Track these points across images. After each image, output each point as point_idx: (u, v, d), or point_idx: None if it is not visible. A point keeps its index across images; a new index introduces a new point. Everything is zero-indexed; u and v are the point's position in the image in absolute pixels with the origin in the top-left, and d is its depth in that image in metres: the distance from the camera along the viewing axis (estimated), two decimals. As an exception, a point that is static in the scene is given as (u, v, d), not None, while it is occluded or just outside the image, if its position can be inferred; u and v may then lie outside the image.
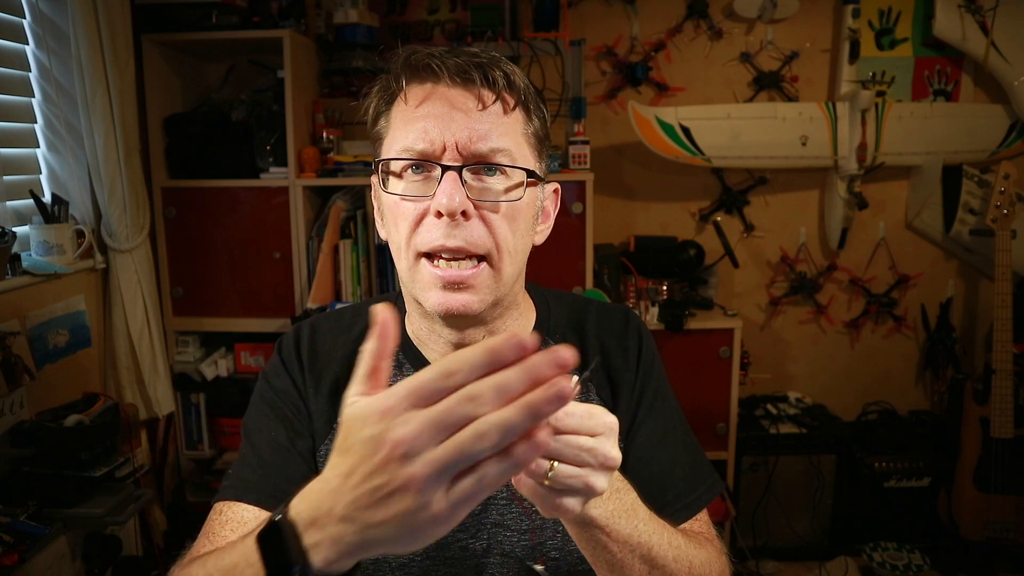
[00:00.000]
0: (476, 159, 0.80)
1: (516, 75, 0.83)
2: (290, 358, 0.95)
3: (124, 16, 2.05)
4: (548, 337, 0.95)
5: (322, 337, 0.97)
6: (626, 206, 2.84)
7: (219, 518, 0.85)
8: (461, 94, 0.80)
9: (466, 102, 0.80)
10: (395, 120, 0.83)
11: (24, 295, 1.82)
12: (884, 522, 2.61)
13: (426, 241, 0.80)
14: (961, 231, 2.70)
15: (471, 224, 0.79)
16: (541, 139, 0.87)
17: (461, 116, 0.79)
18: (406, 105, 0.82)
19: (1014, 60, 2.54)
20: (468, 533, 0.88)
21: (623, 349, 0.95)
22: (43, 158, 2.05)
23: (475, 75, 0.80)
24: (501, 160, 0.80)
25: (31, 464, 1.66)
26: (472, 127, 0.79)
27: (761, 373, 2.84)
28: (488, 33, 2.54)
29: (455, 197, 0.77)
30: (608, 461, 0.59)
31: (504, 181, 0.82)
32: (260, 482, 0.86)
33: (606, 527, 0.68)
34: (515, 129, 0.83)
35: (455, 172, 0.78)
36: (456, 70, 0.80)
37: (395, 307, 0.88)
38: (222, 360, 2.45)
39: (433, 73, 0.80)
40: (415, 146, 0.80)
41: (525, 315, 0.95)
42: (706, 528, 0.91)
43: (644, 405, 0.94)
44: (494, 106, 0.81)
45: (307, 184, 2.34)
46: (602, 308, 1.00)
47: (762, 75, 2.71)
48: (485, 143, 0.79)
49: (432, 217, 0.79)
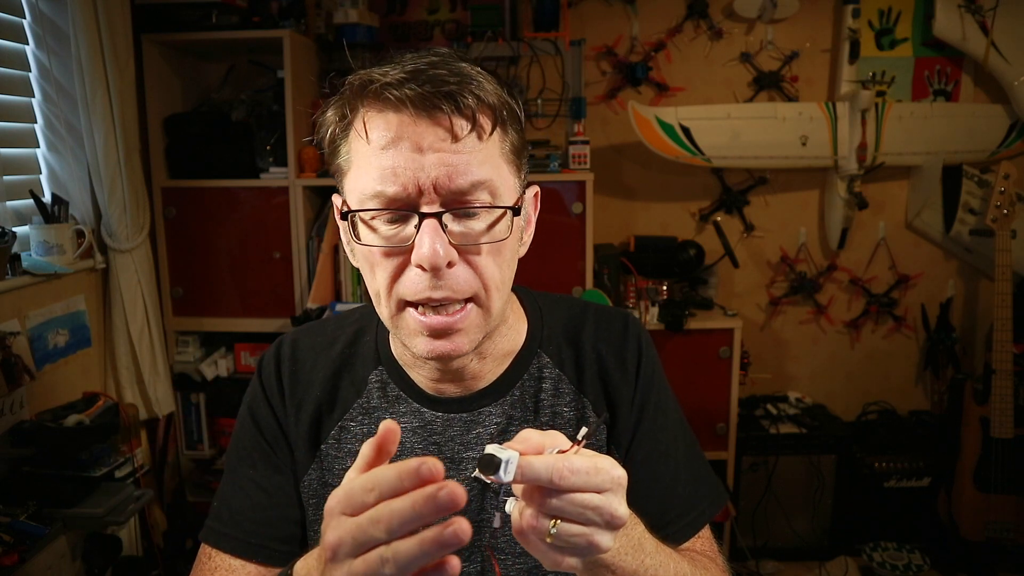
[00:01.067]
0: (455, 197, 0.72)
1: (488, 92, 0.73)
2: (270, 384, 0.92)
3: (124, 16, 2.05)
4: (541, 349, 0.90)
5: (303, 356, 0.93)
6: (626, 206, 2.84)
7: (208, 563, 0.87)
8: (430, 128, 0.71)
9: (436, 135, 0.71)
10: (356, 157, 0.75)
11: (24, 295, 1.82)
12: (884, 522, 2.61)
13: (411, 292, 0.74)
14: (961, 231, 2.70)
15: (455, 271, 0.74)
16: (520, 150, 0.79)
17: (433, 154, 0.71)
18: (368, 143, 0.73)
19: (1014, 60, 2.54)
20: (462, 557, 0.87)
21: (621, 360, 0.90)
22: (43, 158, 2.05)
23: (444, 105, 0.70)
24: (482, 195, 0.73)
25: (31, 464, 1.66)
26: (448, 163, 0.71)
27: (761, 373, 2.84)
28: (488, 33, 2.54)
29: (438, 250, 0.71)
30: (615, 520, 0.59)
31: (486, 218, 0.74)
32: (237, 529, 0.87)
33: (612, 564, 0.67)
34: (493, 153, 0.74)
35: (435, 219, 0.71)
36: (421, 103, 0.70)
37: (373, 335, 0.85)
38: (222, 360, 2.45)
39: (394, 106, 0.71)
40: (386, 191, 0.71)
41: (515, 328, 0.90)
42: (709, 545, 0.89)
43: (645, 420, 0.90)
44: (468, 137, 0.72)
45: (307, 184, 2.34)
46: (600, 315, 0.94)
47: (762, 75, 2.71)
48: (465, 178, 0.71)
49: (413, 268, 0.73)
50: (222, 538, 0.86)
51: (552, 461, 0.57)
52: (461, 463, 0.86)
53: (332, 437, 0.89)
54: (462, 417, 0.87)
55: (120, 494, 1.70)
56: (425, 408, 0.87)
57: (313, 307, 2.30)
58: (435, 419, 0.87)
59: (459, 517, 0.51)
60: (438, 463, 0.53)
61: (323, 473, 0.89)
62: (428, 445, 0.86)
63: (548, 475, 0.57)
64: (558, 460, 0.57)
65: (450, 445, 0.87)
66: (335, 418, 0.89)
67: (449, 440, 0.87)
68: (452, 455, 0.86)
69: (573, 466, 0.57)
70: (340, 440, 0.89)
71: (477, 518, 0.85)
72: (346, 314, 0.98)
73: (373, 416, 0.88)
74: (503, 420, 0.87)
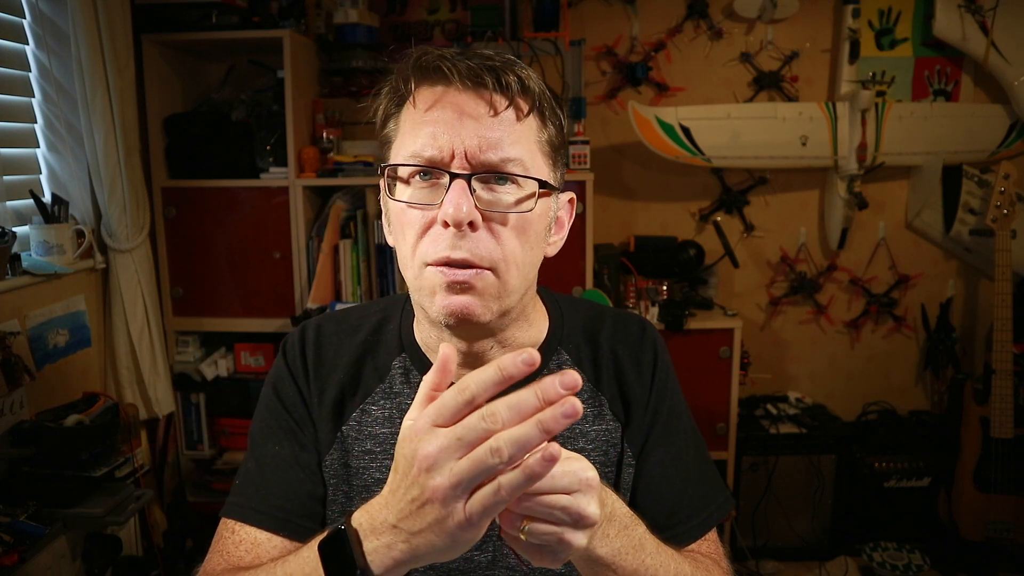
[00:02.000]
0: (486, 168, 0.76)
1: (531, 79, 0.79)
2: (295, 364, 0.94)
3: (124, 16, 2.05)
4: (561, 347, 0.92)
5: (327, 341, 0.95)
6: (626, 206, 2.84)
7: (232, 537, 0.86)
8: (472, 99, 0.76)
9: (477, 107, 0.76)
10: (404, 124, 0.80)
11: (24, 295, 1.82)
12: (884, 522, 2.61)
13: (431, 252, 0.77)
14: (961, 231, 2.70)
15: (478, 236, 0.76)
16: (556, 147, 0.83)
17: (471, 122, 0.76)
18: (414, 109, 0.78)
19: (1014, 60, 2.54)
20: (474, 545, 0.88)
21: (637, 363, 0.92)
22: (43, 158, 2.05)
23: (487, 79, 0.76)
24: (513, 170, 0.77)
25: (31, 464, 1.66)
26: (483, 134, 0.75)
27: (761, 373, 2.84)
28: (488, 33, 2.54)
29: (462, 207, 0.74)
30: (583, 520, 0.60)
31: (515, 192, 0.78)
32: (264, 503, 0.87)
33: (612, 564, 0.69)
34: (528, 137, 0.79)
35: (463, 180, 0.75)
36: (467, 73, 0.76)
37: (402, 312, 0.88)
38: (222, 360, 2.45)
39: (444, 76, 0.77)
40: (423, 152, 0.76)
41: (536, 324, 0.92)
42: (715, 548, 0.90)
43: (659, 424, 0.91)
44: (506, 112, 0.77)
45: (307, 184, 2.34)
46: (618, 318, 0.97)
47: (762, 75, 2.71)
48: (496, 152, 0.75)
49: (438, 227, 0.76)
50: (247, 512, 0.87)
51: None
52: None
53: (353, 419, 0.91)
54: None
55: (120, 494, 1.70)
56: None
57: (313, 307, 2.30)
58: None
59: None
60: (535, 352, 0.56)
61: (344, 455, 0.90)
62: None
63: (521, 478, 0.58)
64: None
65: None
66: (357, 401, 0.91)
67: None
68: None
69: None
70: (361, 423, 0.90)
71: None
72: (370, 303, 1.01)
73: (395, 401, 0.90)
74: None
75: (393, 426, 0.89)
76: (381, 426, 0.90)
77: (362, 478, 0.89)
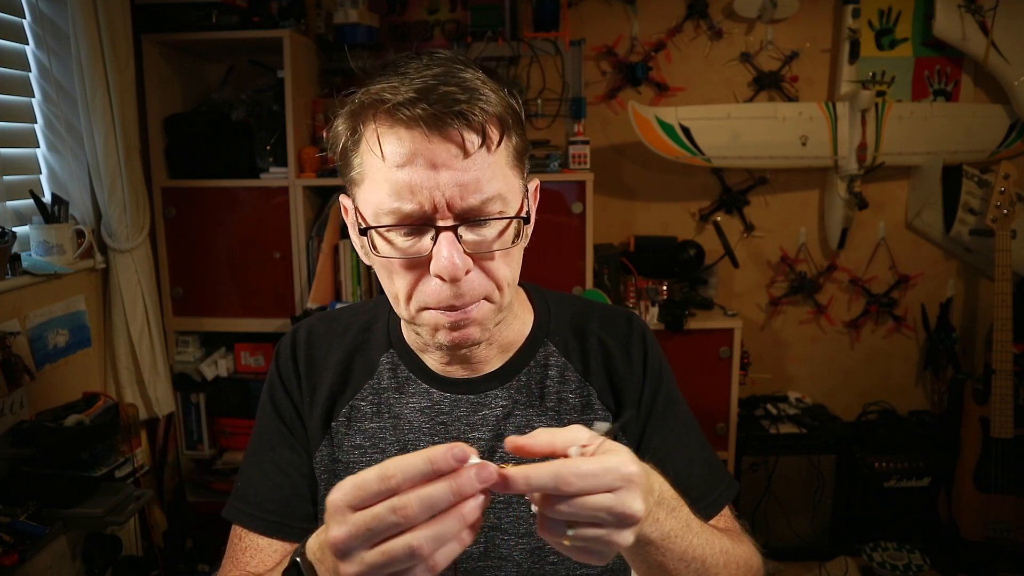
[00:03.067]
0: (469, 215, 0.75)
1: (493, 102, 0.74)
2: (287, 368, 0.96)
3: (124, 16, 2.05)
4: (548, 339, 0.94)
5: (318, 341, 0.97)
6: (626, 206, 2.84)
7: (239, 544, 0.91)
8: (443, 146, 0.72)
9: (448, 152, 0.72)
10: (370, 171, 0.76)
11: (24, 295, 1.82)
12: (884, 522, 2.61)
13: (429, 300, 0.78)
14: (961, 231, 2.70)
15: (470, 276, 0.77)
16: (522, 152, 0.81)
17: (447, 172, 0.72)
18: (383, 162, 0.74)
19: (1014, 60, 2.54)
20: None
21: (627, 354, 0.93)
22: (43, 158, 2.05)
23: (455, 123, 0.72)
24: (493, 208, 0.76)
25: (31, 464, 1.66)
26: (460, 181, 0.73)
27: (761, 373, 2.84)
28: (488, 33, 2.54)
29: (456, 262, 0.73)
30: (628, 518, 0.59)
31: (497, 226, 0.78)
32: (260, 509, 0.91)
33: (663, 547, 0.69)
34: (501, 163, 0.76)
35: (450, 232, 0.74)
36: (433, 121, 0.71)
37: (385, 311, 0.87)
38: (222, 360, 2.45)
39: (406, 124, 0.73)
40: (403, 207, 0.73)
41: (521, 317, 0.94)
42: (732, 523, 0.92)
43: (657, 411, 0.93)
44: (479, 151, 0.74)
45: (307, 184, 2.34)
46: (605, 311, 0.98)
47: (762, 75, 2.71)
48: (477, 195, 0.74)
49: (434, 278, 0.76)
50: (248, 519, 0.90)
51: (557, 468, 0.57)
52: (467, 443, 0.88)
53: (343, 415, 0.93)
54: (469, 399, 0.90)
55: (120, 494, 1.70)
56: (434, 389, 0.91)
57: (313, 307, 2.30)
58: (443, 400, 0.90)
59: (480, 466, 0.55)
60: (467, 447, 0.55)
61: (333, 449, 0.92)
62: (435, 425, 0.90)
63: (554, 483, 0.57)
64: (563, 466, 0.57)
65: (456, 425, 0.90)
66: (346, 397, 0.93)
67: (456, 420, 0.90)
68: (458, 435, 0.89)
69: (580, 470, 0.57)
70: (350, 418, 0.92)
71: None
72: (358, 304, 1.03)
73: (383, 396, 0.92)
74: (508, 404, 0.90)
75: (381, 421, 0.91)
76: (370, 421, 0.91)
77: (351, 472, 0.90)
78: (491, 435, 0.89)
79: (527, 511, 0.88)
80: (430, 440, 0.89)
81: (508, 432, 0.89)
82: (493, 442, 0.89)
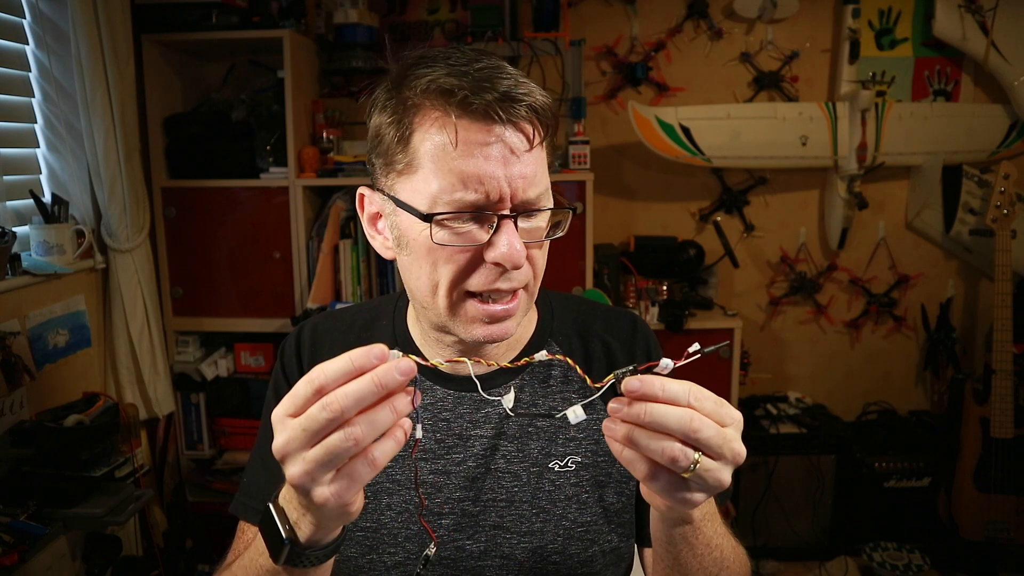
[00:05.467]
0: (527, 207, 0.76)
1: (541, 96, 0.76)
2: (291, 364, 0.97)
3: (124, 16, 2.05)
4: (551, 338, 0.94)
5: (322, 338, 0.98)
6: (626, 206, 2.84)
7: (242, 536, 0.93)
8: (515, 137, 0.74)
9: (517, 145, 0.74)
10: (427, 160, 0.75)
11: (24, 295, 1.82)
12: (884, 522, 2.61)
13: (480, 284, 0.77)
14: (961, 231, 2.70)
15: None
16: (554, 150, 0.86)
17: (516, 163, 0.74)
18: (452, 150, 0.73)
19: (1014, 60, 2.54)
20: (465, 534, 0.88)
21: (630, 355, 0.95)
22: (43, 158, 2.05)
23: (522, 110, 0.73)
24: (545, 201, 0.78)
25: (31, 464, 1.66)
26: (524, 173, 0.74)
27: (761, 373, 2.84)
28: (488, 33, 2.54)
29: (517, 251, 0.74)
30: (738, 456, 0.60)
31: (544, 217, 0.80)
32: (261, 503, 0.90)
33: (698, 528, 0.71)
34: (543, 159, 0.78)
35: (511, 220, 0.75)
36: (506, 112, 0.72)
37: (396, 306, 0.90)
38: (222, 360, 2.45)
39: (477, 114, 0.73)
40: (466, 197, 0.73)
41: (527, 316, 0.93)
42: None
43: None
44: (537, 144, 0.76)
45: (307, 184, 2.34)
46: (609, 313, 1.00)
47: (762, 75, 2.71)
48: (534, 188, 0.76)
49: (488, 264, 0.76)
50: (251, 513, 0.92)
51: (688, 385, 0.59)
52: (469, 440, 0.90)
53: None
54: (472, 396, 0.90)
55: (120, 494, 1.70)
56: (438, 386, 0.91)
57: (313, 307, 2.30)
58: (446, 396, 0.91)
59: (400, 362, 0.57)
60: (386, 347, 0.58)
61: None
62: (438, 421, 0.90)
63: (686, 395, 0.58)
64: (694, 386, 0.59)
65: (459, 422, 0.90)
66: None
67: (459, 417, 0.90)
68: (460, 432, 0.90)
69: (703, 392, 0.59)
70: None
71: (476, 502, 0.88)
72: (362, 304, 1.04)
73: None
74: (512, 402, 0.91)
75: None
76: None
77: None
78: (493, 433, 0.89)
79: (529, 510, 0.88)
80: (432, 437, 0.90)
81: (510, 431, 0.89)
82: (495, 440, 0.89)
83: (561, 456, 0.90)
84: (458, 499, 0.88)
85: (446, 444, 0.89)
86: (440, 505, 0.89)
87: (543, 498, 0.88)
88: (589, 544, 0.89)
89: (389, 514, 0.89)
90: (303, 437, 0.56)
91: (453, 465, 0.89)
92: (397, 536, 0.88)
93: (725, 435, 0.58)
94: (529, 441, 0.90)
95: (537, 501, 0.88)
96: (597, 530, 0.89)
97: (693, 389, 0.58)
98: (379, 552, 0.89)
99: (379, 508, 0.89)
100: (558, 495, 0.89)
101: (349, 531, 0.89)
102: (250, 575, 0.73)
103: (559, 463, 0.89)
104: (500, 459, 0.89)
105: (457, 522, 0.88)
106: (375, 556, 0.89)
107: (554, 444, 0.90)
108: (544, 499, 0.88)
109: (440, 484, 0.88)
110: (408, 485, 0.89)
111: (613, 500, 0.90)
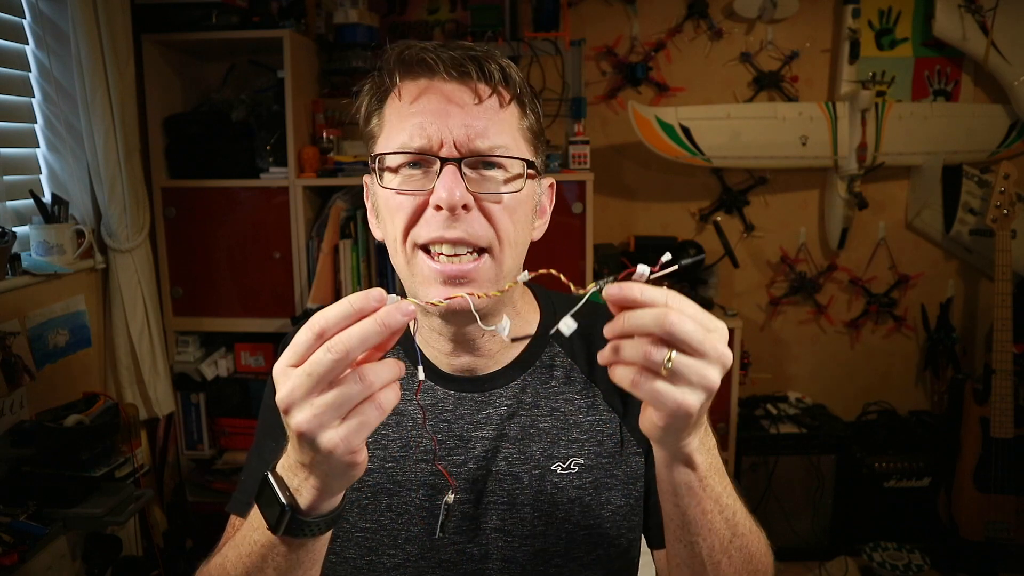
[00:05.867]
0: (475, 155, 0.78)
1: (511, 69, 0.82)
2: None
3: (124, 16, 2.05)
4: (554, 339, 0.93)
5: None
6: (626, 206, 2.84)
7: (232, 531, 0.91)
8: (457, 88, 0.79)
9: (463, 96, 0.79)
10: (389, 117, 0.82)
11: (24, 295, 1.82)
12: (884, 522, 2.61)
13: (424, 233, 0.78)
14: (961, 231, 2.70)
15: (471, 216, 0.78)
16: (537, 134, 0.86)
17: (458, 111, 0.78)
18: (400, 102, 0.81)
19: (1014, 60, 2.54)
20: (465, 537, 0.87)
21: None
22: (43, 158, 2.05)
23: (471, 68, 0.79)
24: (499, 155, 0.80)
25: (31, 464, 1.66)
26: (469, 123, 0.78)
27: (761, 373, 2.84)
28: (488, 33, 2.54)
29: (455, 191, 0.75)
30: (723, 357, 0.59)
31: (503, 173, 0.80)
32: None
33: (704, 478, 0.68)
34: (511, 124, 0.82)
35: (454, 165, 0.77)
36: (451, 63, 0.78)
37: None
38: (222, 360, 2.45)
39: (428, 67, 0.79)
40: (412, 143, 0.78)
41: (526, 316, 0.93)
42: None
43: None
44: (490, 100, 0.80)
45: (307, 184, 2.34)
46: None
47: (762, 75, 2.71)
48: (484, 140, 0.78)
49: (431, 210, 0.78)
50: (244, 507, 0.90)
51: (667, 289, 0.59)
52: (470, 441, 0.89)
53: None
54: (473, 397, 0.90)
55: (120, 494, 1.70)
56: (438, 386, 0.91)
57: (313, 307, 2.30)
58: (447, 397, 0.90)
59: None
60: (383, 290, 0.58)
61: None
62: (439, 422, 0.89)
63: (664, 297, 0.58)
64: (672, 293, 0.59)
65: (460, 423, 0.89)
66: None
67: (459, 418, 0.89)
68: (461, 432, 0.89)
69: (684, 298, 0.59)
70: None
71: (477, 505, 0.88)
72: None
73: None
74: (513, 403, 0.90)
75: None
76: None
77: None
78: (494, 434, 0.88)
79: (531, 513, 0.87)
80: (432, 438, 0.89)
81: (512, 432, 0.89)
82: (497, 441, 0.88)
83: (563, 458, 0.88)
84: (458, 501, 0.88)
85: (447, 445, 0.88)
86: (440, 506, 0.88)
87: (545, 501, 0.87)
88: (592, 548, 0.88)
89: (389, 515, 0.88)
90: (308, 383, 0.55)
91: (454, 467, 0.88)
92: (397, 538, 0.88)
93: (707, 333, 0.57)
94: (531, 443, 0.89)
95: (539, 504, 0.87)
96: (601, 533, 0.88)
97: (672, 293, 0.59)
98: (378, 554, 0.88)
99: (379, 509, 0.88)
100: (560, 498, 0.87)
101: (349, 532, 0.89)
102: (243, 553, 0.71)
103: (561, 465, 0.88)
104: (501, 461, 0.88)
105: (458, 525, 0.87)
106: (375, 558, 0.88)
107: (556, 446, 0.89)
108: (546, 502, 0.87)
109: (440, 486, 0.88)
110: (408, 486, 0.88)
111: (618, 503, 0.89)
